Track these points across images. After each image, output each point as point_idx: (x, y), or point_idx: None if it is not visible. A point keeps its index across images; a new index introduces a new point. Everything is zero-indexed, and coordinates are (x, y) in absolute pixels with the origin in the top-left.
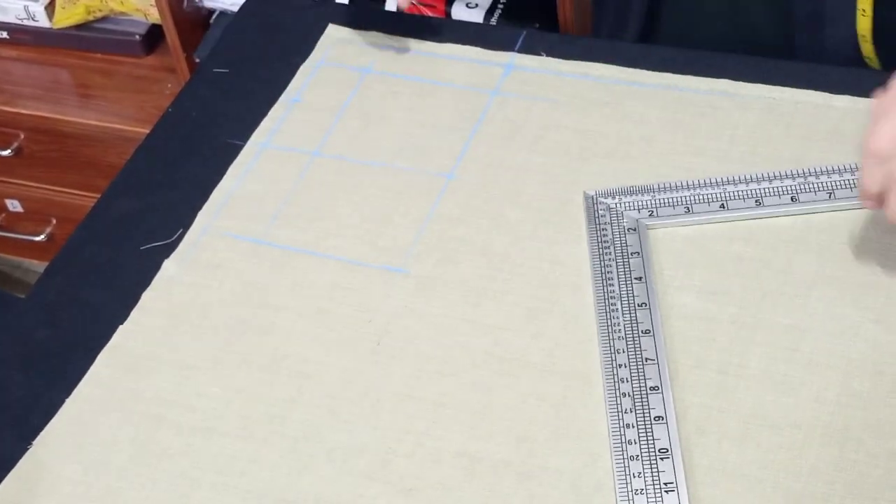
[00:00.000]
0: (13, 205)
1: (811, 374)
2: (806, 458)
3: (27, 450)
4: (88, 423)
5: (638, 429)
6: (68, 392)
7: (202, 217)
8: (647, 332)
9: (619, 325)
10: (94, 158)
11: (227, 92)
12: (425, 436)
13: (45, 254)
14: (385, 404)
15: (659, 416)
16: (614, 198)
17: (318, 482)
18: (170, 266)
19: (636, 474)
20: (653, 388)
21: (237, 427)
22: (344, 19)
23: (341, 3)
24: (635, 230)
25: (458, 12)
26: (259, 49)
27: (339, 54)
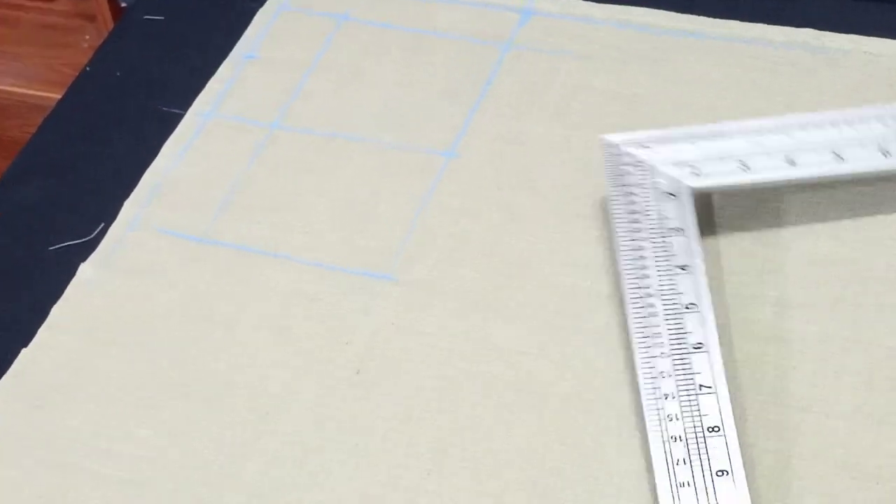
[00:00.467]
0: None
1: None
2: None
3: None
4: None
5: (696, 487)
6: None
7: (129, 208)
8: (699, 348)
9: (660, 336)
10: None
11: (162, 46)
12: (419, 490)
13: None
14: (367, 450)
15: (722, 470)
16: (646, 147)
17: None
18: (87, 270)
19: None
20: (712, 429)
21: (174, 480)
22: None
23: None
24: (675, 195)
25: None
26: None
27: None
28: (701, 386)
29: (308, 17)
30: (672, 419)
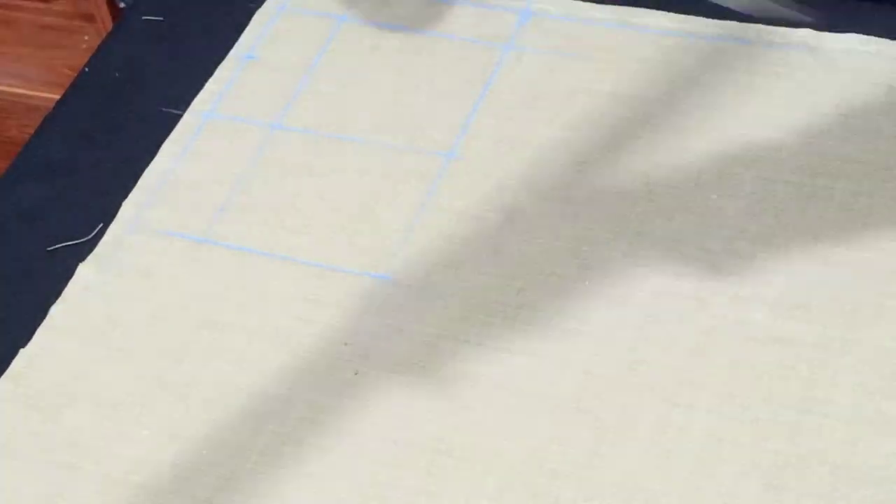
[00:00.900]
0: None
1: None
2: None
3: None
4: None
5: None
6: None
7: (128, 208)
8: None
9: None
10: None
11: (161, 46)
12: (419, 494)
13: None
14: (365, 452)
15: None
16: None
17: None
18: (86, 272)
19: None
20: None
21: (171, 482)
22: None
23: None
24: None
25: None
26: None
27: None
28: None
29: (308, 18)
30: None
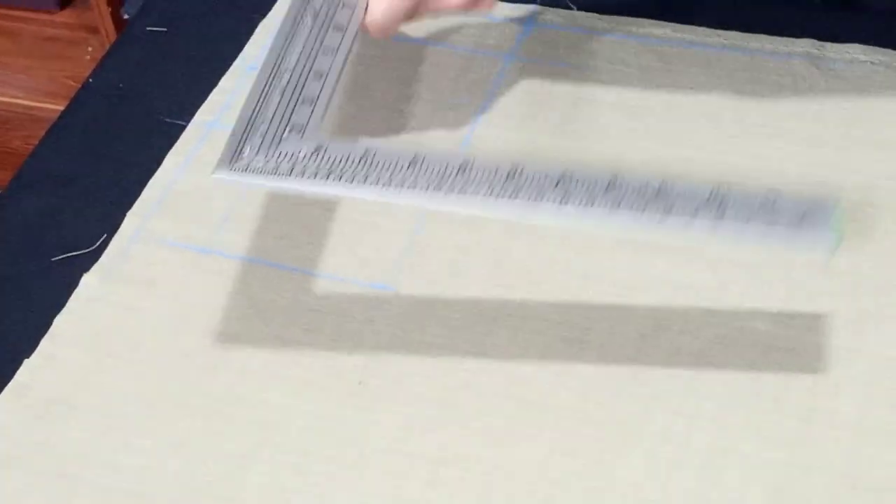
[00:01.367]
0: None
1: None
2: None
3: None
4: None
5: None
6: None
7: (132, 219)
8: None
9: None
10: None
11: (165, 57)
12: (420, 501)
13: None
14: (369, 462)
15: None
16: None
17: None
18: (90, 282)
19: None
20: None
21: (175, 492)
22: None
23: None
24: None
25: None
26: (206, 2)
27: None
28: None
29: None
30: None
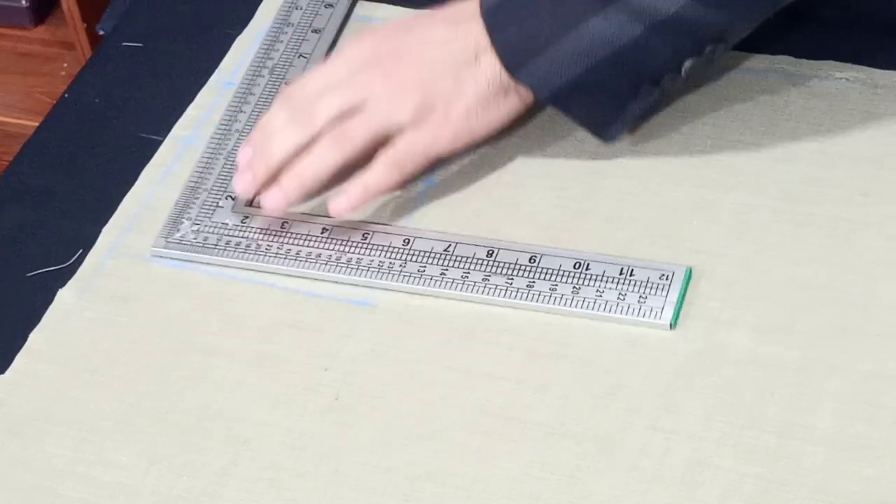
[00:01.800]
0: None
1: None
2: None
3: None
4: None
5: None
6: None
7: (108, 234)
8: None
9: None
10: None
11: (141, 72)
12: None
13: None
14: (346, 477)
15: None
16: None
17: None
18: (66, 297)
19: None
20: None
21: None
22: None
23: None
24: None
25: None
26: (182, 17)
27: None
28: None
29: None
30: None
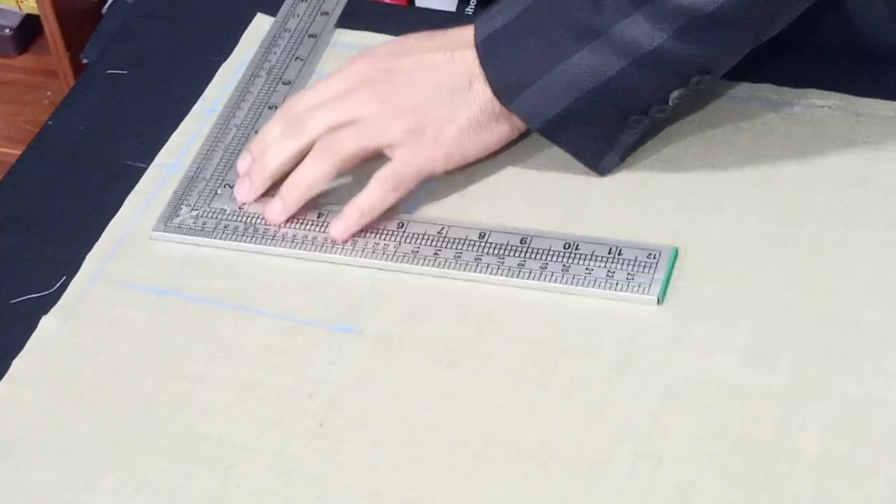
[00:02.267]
0: None
1: (885, 457)
2: None
3: None
4: None
5: None
6: None
7: (92, 261)
8: None
9: None
10: None
11: (125, 100)
12: None
13: None
14: (331, 502)
15: None
16: None
17: None
18: (50, 324)
19: None
20: None
21: None
22: (275, 7)
23: None
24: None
25: None
26: (166, 45)
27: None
28: None
29: None
30: None
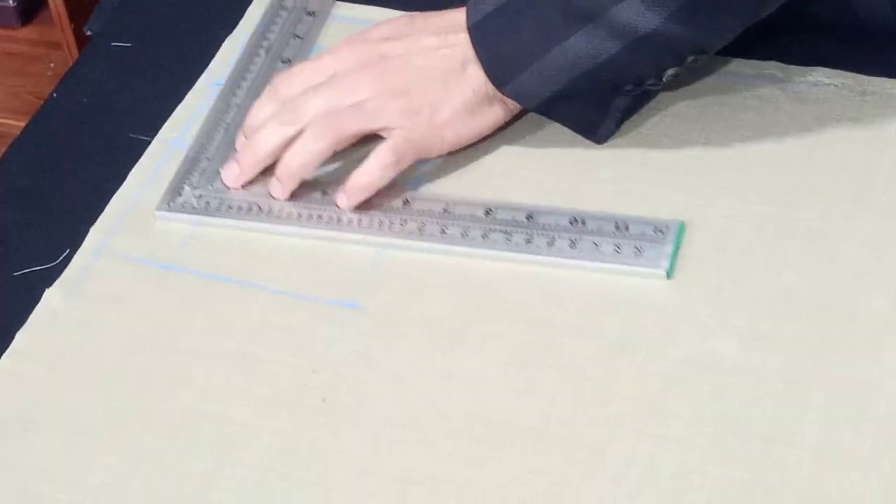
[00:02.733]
0: None
1: (882, 443)
2: None
3: None
4: None
5: None
6: None
7: (95, 235)
8: None
9: None
10: None
11: (129, 73)
12: None
13: None
14: (333, 481)
15: None
16: None
17: None
18: (53, 298)
19: None
20: None
21: None
22: None
23: None
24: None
25: None
26: (171, 17)
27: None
28: None
29: None
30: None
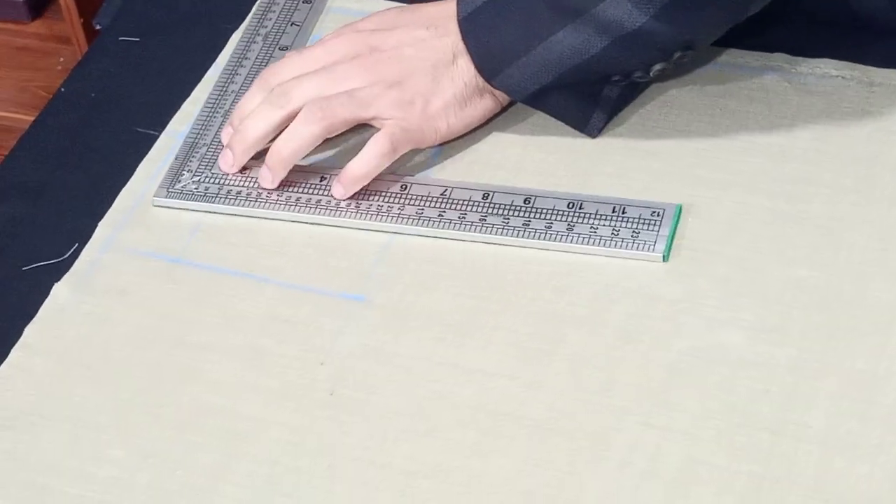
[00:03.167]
0: None
1: (890, 435)
2: None
3: None
4: None
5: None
6: None
7: (103, 229)
8: None
9: None
10: None
11: (137, 67)
12: None
13: None
14: (340, 473)
15: None
16: None
17: None
18: (61, 292)
19: None
20: None
21: (146, 502)
22: None
23: None
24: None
25: None
26: (179, 11)
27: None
28: None
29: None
30: None
